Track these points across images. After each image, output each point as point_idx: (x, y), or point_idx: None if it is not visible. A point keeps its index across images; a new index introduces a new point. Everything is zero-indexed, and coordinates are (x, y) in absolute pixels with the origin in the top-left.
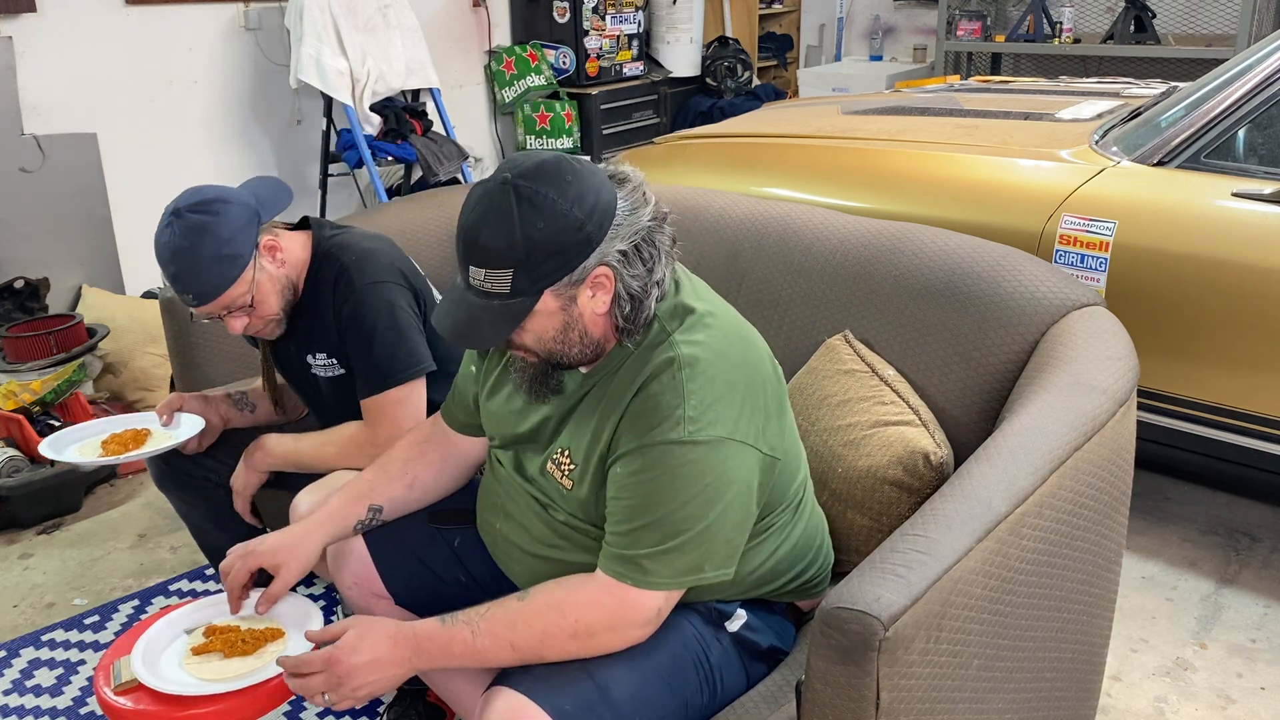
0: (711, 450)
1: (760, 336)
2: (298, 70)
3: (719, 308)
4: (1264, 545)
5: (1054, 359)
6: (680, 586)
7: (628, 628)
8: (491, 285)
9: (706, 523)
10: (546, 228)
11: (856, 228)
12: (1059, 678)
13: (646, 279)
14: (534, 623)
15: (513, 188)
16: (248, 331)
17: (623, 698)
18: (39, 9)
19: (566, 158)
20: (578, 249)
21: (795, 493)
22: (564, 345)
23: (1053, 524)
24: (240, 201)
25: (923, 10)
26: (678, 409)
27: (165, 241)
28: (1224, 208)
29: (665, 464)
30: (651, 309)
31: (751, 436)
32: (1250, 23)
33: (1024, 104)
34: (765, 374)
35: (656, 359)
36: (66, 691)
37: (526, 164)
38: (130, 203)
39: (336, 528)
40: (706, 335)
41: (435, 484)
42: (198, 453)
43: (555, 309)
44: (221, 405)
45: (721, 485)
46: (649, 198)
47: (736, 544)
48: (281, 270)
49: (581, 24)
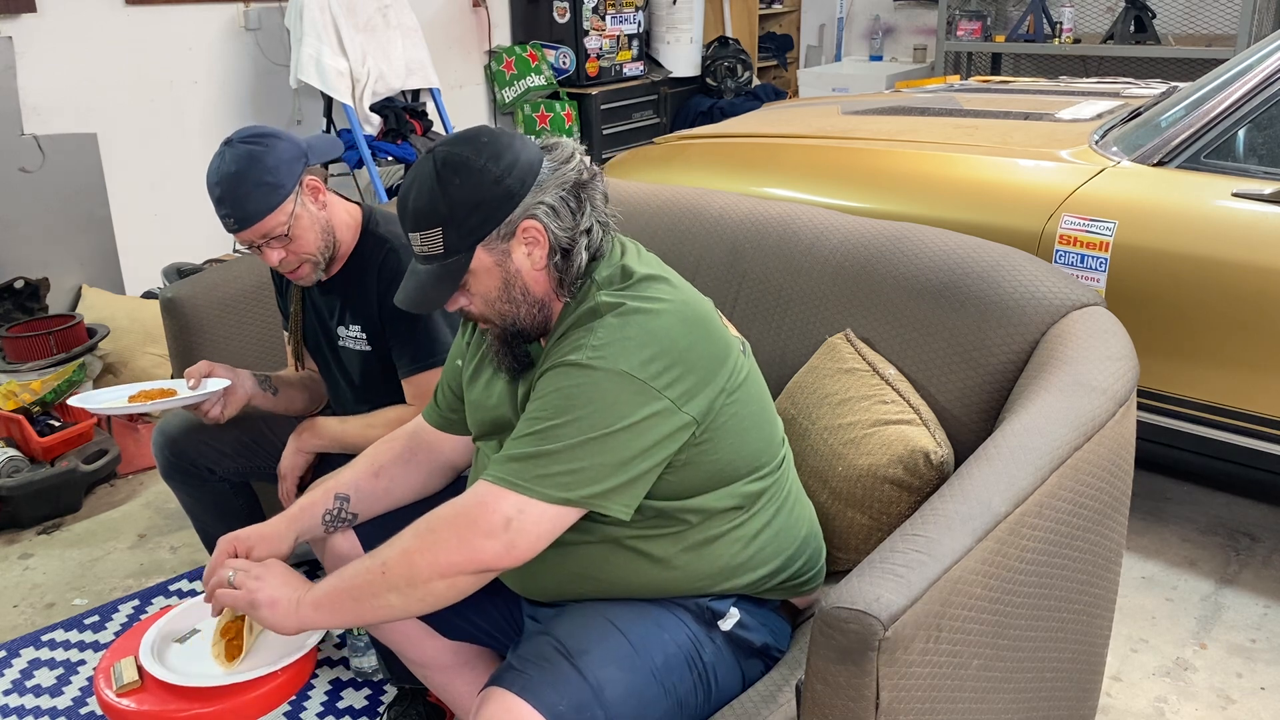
0: (606, 378)
1: (711, 308)
2: (298, 70)
3: (666, 275)
4: (1264, 545)
5: (1054, 359)
6: (539, 497)
7: (471, 529)
8: (428, 247)
9: (579, 440)
10: (463, 184)
11: (857, 228)
12: (1059, 678)
13: (574, 230)
14: (402, 536)
15: (432, 156)
16: (283, 267)
17: (617, 697)
18: (39, 9)
19: (490, 127)
20: (499, 202)
21: (759, 471)
22: (511, 305)
23: (1053, 524)
24: (290, 140)
25: (923, 10)
26: (586, 338)
27: (215, 166)
28: (1224, 208)
29: (557, 381)
30: (584, 258)
31: (662, 385)
32: (1250, 23)
33: (1024, 104)
34: (701, 337)
35: (577, 309)
36: (66, 691)
37: (449, 136)
38: (130, 203)
39: (308, 518)
40: (634, 293)
41: (403, 475)
42: (219, 421)
43: (491, 264)
44: (247, 379)
45: (607, 413)
46: (577, 158)
47: (619, 482)
48: (323, 213)
49: (581, 24)
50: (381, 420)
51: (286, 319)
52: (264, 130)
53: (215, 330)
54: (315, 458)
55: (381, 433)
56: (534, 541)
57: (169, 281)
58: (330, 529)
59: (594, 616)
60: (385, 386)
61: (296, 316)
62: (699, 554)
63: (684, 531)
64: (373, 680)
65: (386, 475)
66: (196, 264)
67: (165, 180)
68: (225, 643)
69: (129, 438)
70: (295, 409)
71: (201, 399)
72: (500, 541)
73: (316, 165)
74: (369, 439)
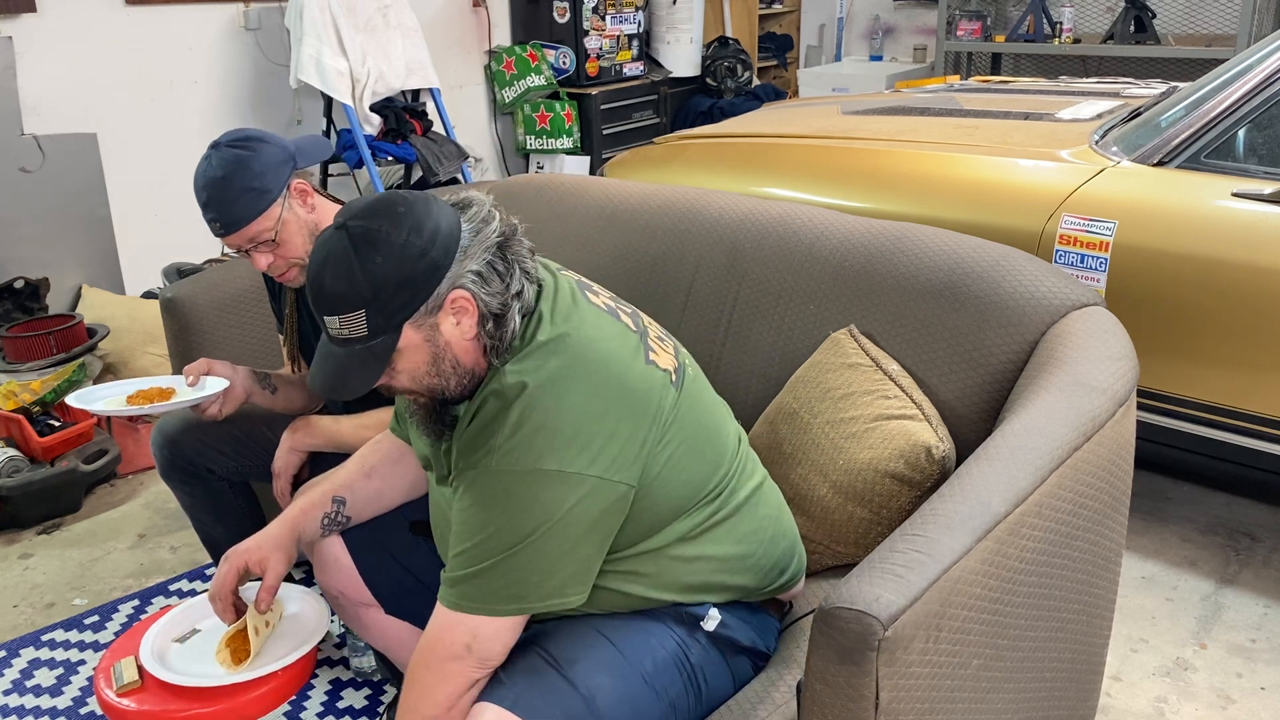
0: (518, 480)
1: (629, 350)
2: (298, 70)
3: (568, 329)
4: (1264, 545)
5: (1054, 359)
6: (492, 614)
7: (441, 661)
8: (349, 330)
9: (510, 552)
10: (385, 261)
11: (857, 228)
12: (1059, 678)
13: (505, 294)
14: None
15: (345, 231)
16: (271, 271)
17: (609, 705)
18: (39, 9)
19: (399, 193)
20: (424, 277)
21: (706, 495)
22: (440, 378)
23: (1052, 524)
24: (277, 143)
25: (923, 10)
26: (493, 438)
27: (202, 170)
28: (1224, 208)
29: (474, 490)
30: (516, 322)
31: (582, 465)
32: (1250, 23)
33: (1024, 104)
34: (616, 397)
35: (485, 389)
36: (66, 691)
37: (358, 206)
38: (130, 203)
39: (308, 521)
40: (539, 362)
41: (394, 476)
42: (217, 419)
43: (420, 342)
44: (247, 377)
45: (530, 515)
46: (494, 215)
47: (568, 573)
48: (311, 216)
49: (581, 24)
50: (374, 420)
51: (281, 322)
52: (250, 134)
53: (215, 330)
54: (309, 456)
55: (374, 432)
56: (500, 651)
57: (169, 281)
58: (326, 532)
59: (580, 626)
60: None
61: (291, 320)
62: (655, 580)
63: (635, 572)
64: (373, 680)
65: (378, 476)
66: (196, 264)
67: (165, 180)
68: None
69: (129, 438)
70: (294, 408)
71: (200, 400)
72: (470, 662)
73: (305, 168)
74: (362, 438)
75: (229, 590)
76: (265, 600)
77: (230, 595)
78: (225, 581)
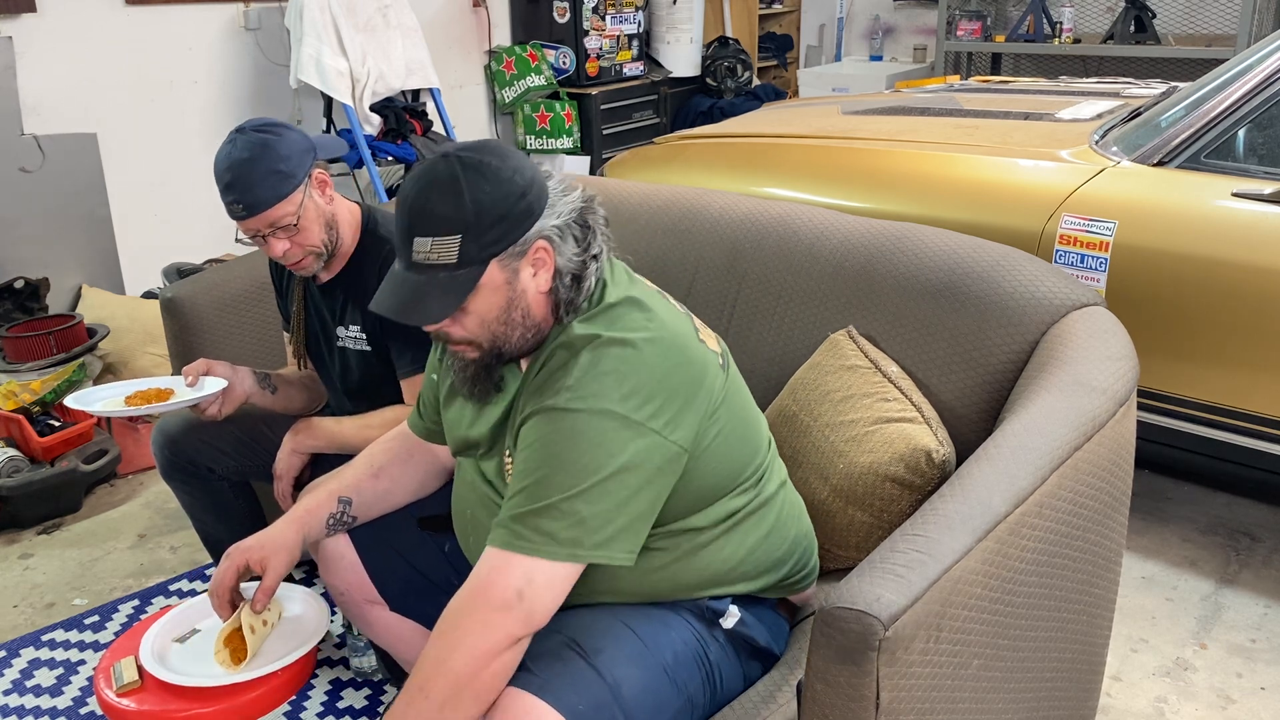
0: (588, 419)
1: (688, 329)
2: (298, 70)
3: (640, 296)
4: (1264, 545)
5: (1054, 359)
6: (545, 556)
7: (487, 608)
8: (439, 255)
9: (573, 490)
10: (493, 191)
11: (857, 228)
12: (1059, 678)
13: (584, 254)
14: (426, 651)
15: (456, 158)
16: (286, 259)
17: (633, 695)
18: (39, 9)
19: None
20: (520, 217)
21: (744, 483)
22: (507, 327)
23: (1053, 524)
24: (300, 132)
25: (923, 10)
26: (566, 378)
27: (225, 153)
28: (1224, 208)
29: (540, 429)
30: (592, 284)
31: (645, 416)
32: (1250, 23)
33: (1024, 104)
34: (678, 363)
35: (553, 343)
36: (66, 691)
37: (462, 142)
38: (130, 203)
39: (313, 521)
40: (609, 320)
41: (403, 476)
42: (216, 419)
43: (500, 283)
44: (246, 377)
45: (596, 455)
46: (575, 185)
47: (621, 525)
48: (329, 207)
49: (581, 24)
50: (379, 421)
51: (287, 320)
52: (275, 121)
53: (215, 330)
54: (310, 457)
55: (378, 433)
56: (549, 605)
57: (169, 281)
58: (332, 532)
59: (602, 615)
60: (384, 387)
61: (298, 317)
62: (687, 564)
63: (670, 549)
64: (373, 680)
65: (386, 476)
66: (196, 264)
67: (165, 180)
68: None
69: (129, 438)
70: (294, 408)
71: (198, 400)
72: (518, 613)
73: (323, 160)
74: (366, 439)
75: (227, 587)
76: (261, 601)
77: (228, 592)
78: (225, 578)
